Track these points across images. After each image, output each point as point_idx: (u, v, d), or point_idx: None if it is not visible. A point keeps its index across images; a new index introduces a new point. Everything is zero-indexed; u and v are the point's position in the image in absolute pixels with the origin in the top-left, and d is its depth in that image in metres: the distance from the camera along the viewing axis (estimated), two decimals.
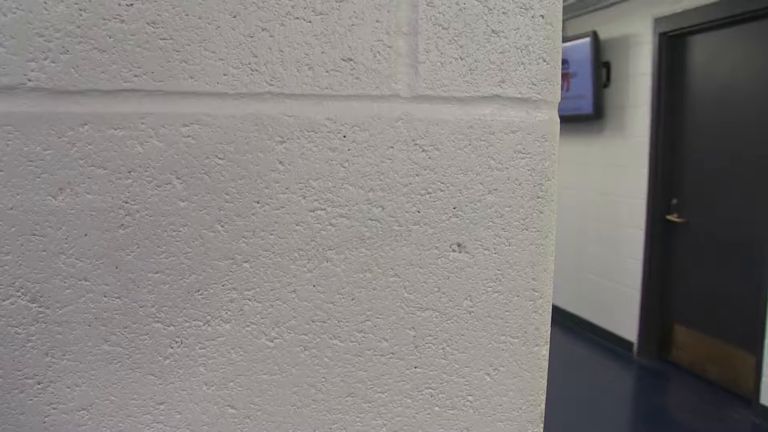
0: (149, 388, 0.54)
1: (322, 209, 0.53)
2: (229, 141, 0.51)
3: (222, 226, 0.52)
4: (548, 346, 0.59)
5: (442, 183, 0.54)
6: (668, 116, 4.39)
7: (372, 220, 0.54)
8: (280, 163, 0.52)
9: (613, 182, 4.87)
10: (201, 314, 0.53)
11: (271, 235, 0.53)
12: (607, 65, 4.87)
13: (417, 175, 0.54)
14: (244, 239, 0.53)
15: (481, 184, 0.55)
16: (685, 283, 4.36)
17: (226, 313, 0.53)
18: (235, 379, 0.54)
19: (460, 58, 0.53)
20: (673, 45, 4.33)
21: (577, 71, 4.93)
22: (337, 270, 0.54)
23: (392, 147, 0.53)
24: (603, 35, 4.82)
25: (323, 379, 0.55)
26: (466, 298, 0.56)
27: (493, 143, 0.55)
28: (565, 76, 5.05)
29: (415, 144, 0.54)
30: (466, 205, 0.55)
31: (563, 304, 5.45)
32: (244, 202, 0.52)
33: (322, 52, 0.52)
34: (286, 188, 0.52)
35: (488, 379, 0.58)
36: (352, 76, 0.52)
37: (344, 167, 0.53)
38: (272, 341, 0.54)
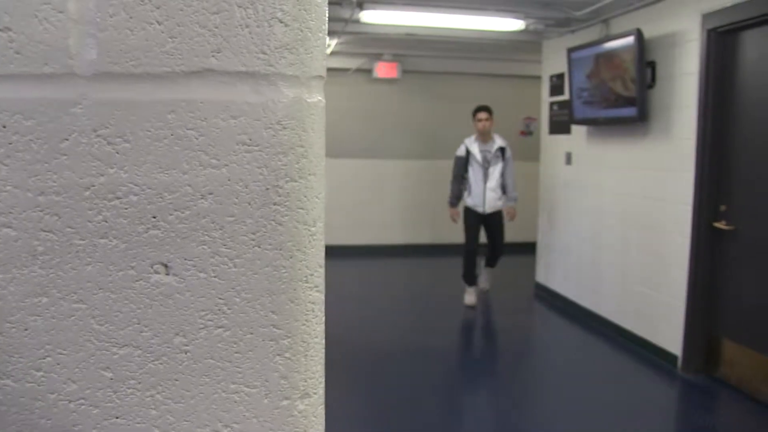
0: None
1: None
2: None
3: None
4: (312, 400, 0.46)
5: (135, 185, 0.42)
6: (717, 117, 4.10)
7: (45, 231, 0.42)
8: None
9: (657, 187, 4.60)
10: None
11: None
12: (651, 65, 4.61)
13: (102, 175, 0.42)
14: None
15: (189, 186, 0.43)
16: (735, 296, 4.06)
17: None
18: None
19: (157, 22, 0.41)
20: (722, 42, 4.05)
21: None
22: (4, 293, 0.43)
23: (67, 139, 0.42)
24: (648, 33, 4.57)
25: None
26: (177, 334, 0.44)
27: (205, 132, 0.42)
28: None
29: (98, 135, 0.42)
30: (171, 214, 0.43)
31: (604, 313, 5.17)
32: None
33: None
34: None
35: None
36: (11, 50, 0.41)
37: (5, 165, 0.42)
38: None
